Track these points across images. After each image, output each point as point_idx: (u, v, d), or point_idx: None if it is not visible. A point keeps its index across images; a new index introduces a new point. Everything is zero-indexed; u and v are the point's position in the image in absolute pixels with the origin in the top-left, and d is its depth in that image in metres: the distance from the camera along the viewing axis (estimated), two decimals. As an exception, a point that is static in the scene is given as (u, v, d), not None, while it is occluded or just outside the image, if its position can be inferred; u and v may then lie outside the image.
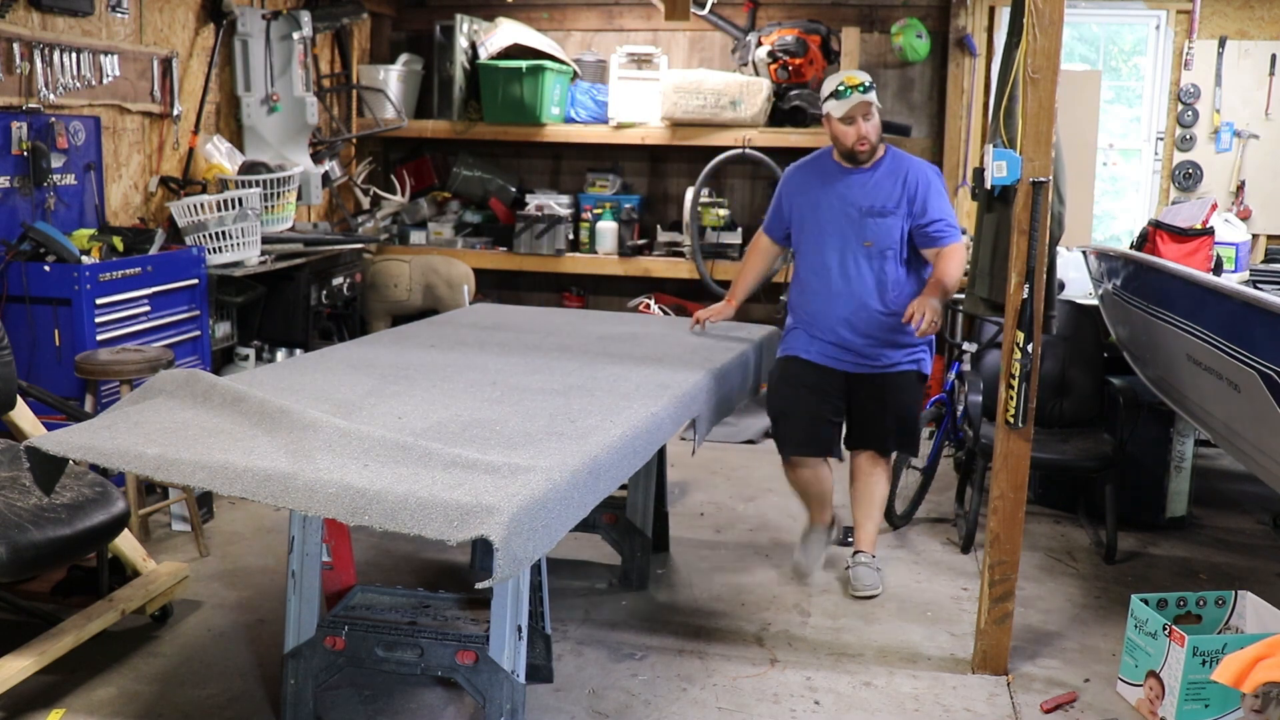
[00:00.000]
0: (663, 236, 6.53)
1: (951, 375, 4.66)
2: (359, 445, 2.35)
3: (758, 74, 6.20)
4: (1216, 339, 3.23)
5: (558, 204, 6.48)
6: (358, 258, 5.98)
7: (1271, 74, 6.17)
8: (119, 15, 4.71)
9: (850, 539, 4.09)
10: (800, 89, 6.14)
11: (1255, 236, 6.13)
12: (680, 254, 6.41)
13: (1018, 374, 3.05)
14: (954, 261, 3.60)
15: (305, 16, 5.73)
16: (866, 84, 3.62)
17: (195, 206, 4.72)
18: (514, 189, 6.83)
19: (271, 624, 3.42)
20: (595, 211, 6.52)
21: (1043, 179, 2.98)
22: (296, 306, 5.30)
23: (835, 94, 3.62)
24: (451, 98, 6.49)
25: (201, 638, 3.36)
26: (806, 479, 3.82)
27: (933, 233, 3.62)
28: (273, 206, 5.23)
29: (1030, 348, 3.02)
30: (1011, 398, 3.07)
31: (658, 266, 6.40)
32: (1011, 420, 3.09)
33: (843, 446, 3.86)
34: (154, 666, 3.16)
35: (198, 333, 4.66)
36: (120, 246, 4.37)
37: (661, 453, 3.79)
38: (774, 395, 3.81)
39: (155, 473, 2.32)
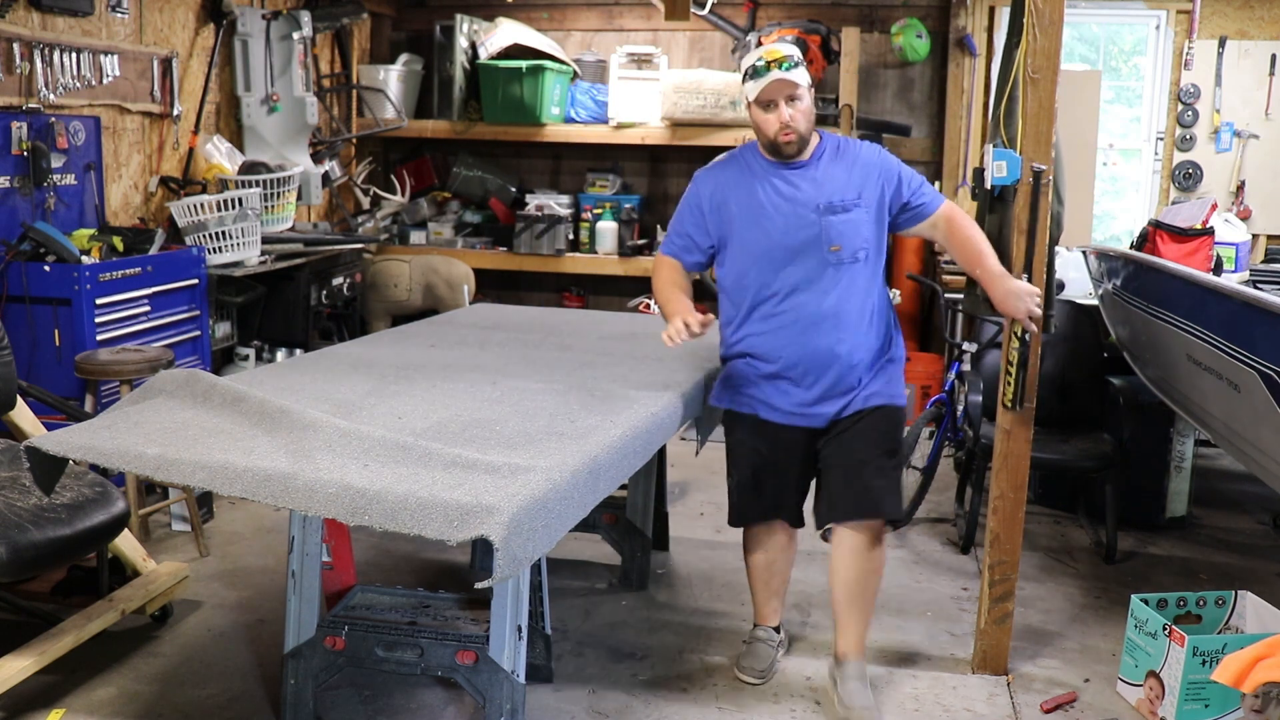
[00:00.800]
0: (663, 236, 6.52)
1: (951, 375, 4.66)
2: (359, 445, 2.35)
3: (758, 74, 6.20)
4: (1216, 339, 3.24)
5: (558, 204, 6.47)
6: (358, 258, 5.98)
7: (1271, 74, 6.17)
8: (119, 15, 4.71)
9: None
10: (800, 89, 6.13)
11: (1255, 236, 6.13)
12: (680, 254, 6.40)
13: (1015, 361, 3.04)
14: (965, 222, 3.00)
15: (305, 16, 5.73)
16: (792, 60, 2.84)
17: (195, 206, 4.72)
18: (514, 189, 6.83)
19: (271, 624, 3.42)
20: (595, 211, 6.51)
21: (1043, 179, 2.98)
22: (296, 306, 5.30)
23: (752, 72, 2.87)
24: (451, 98, 6.48)
25: (201, 638, 3.36)
26: (773, 556, 3.20)
27: (921, 201, 2.98)
28: (273, 206, 5.23)
29: (1028, 336, 3.02)
30: (1009, 383, 3.07)
31: (658, 266, 6.39)
32: (1010, 404, 3.09)
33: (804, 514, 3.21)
34: (154, 666, 3.16)
35: (198, 333, 4.66)
36: (120, 246, 4.37)
37: (661, 453, 3.79)
38: (729, 462, 3.16)
39: (155, 473, 2.32)
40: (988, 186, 3.11)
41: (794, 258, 2.91)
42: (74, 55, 4.42)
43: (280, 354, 5.20)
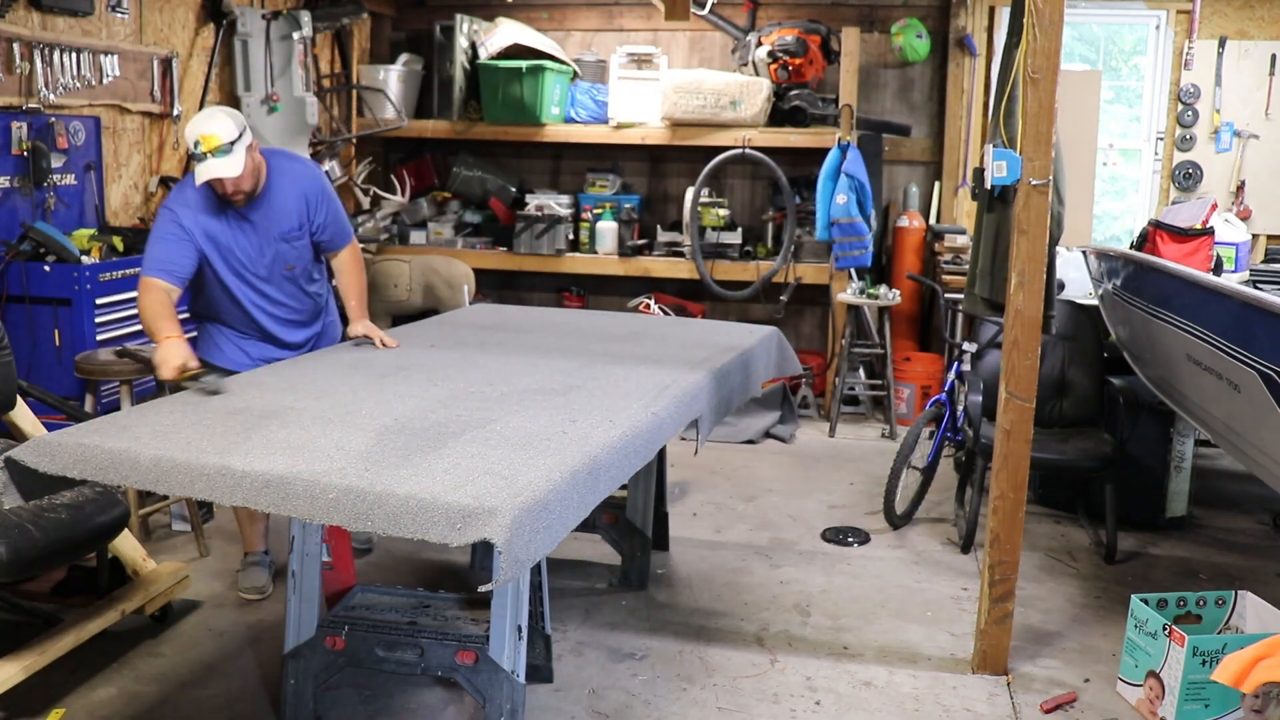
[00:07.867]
0: (663, 236, 6.53)
1: (951, 375, 4.66)
2: (358, 448, 2.34)
3: (758, 74, 6.20)
4: (1216, 339, 3.24)
5: (558, 204, 6.47)
6: (358, 258, 5.97)
7: (1271, 74, 6.17)
8: (119, 15, 4.71)
9: (852, 538, 4.06)
10: (800, 89, 6.14)
11: (1255, 236, 6.13)
12: (680, 254, 6.41)
13: None
14: (350, 268, 3.71)
15: (305, 16, 5.73)
16: (224, 146, 3.16)
17: (195, 206, 4.71)
18: (514, 189, 6.83)
19: (271, 624, 3.42)
20: (595, 211, 6.51)
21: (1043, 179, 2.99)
22: (296, 306, 5.28)
23: (192, 154, 3.22)
24: (451, 98, 6.48)
25: (201, 638, 3.36)
26: None
27: (322, 240, 3.60)
28: (273, 206, 5.22)
29: None
30: None
31: (658, 266, 6.40)
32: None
33: None
34: (154, 666, 3.16)
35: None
36: (120, 246, 4.37)
37: (661, 453, 3.79)
38: None
39: (155, 485, 2.31)
40: (988, 186, 3.11)
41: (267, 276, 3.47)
42: (74, 55, 4.42)
43: (280, 354, 5.18)
